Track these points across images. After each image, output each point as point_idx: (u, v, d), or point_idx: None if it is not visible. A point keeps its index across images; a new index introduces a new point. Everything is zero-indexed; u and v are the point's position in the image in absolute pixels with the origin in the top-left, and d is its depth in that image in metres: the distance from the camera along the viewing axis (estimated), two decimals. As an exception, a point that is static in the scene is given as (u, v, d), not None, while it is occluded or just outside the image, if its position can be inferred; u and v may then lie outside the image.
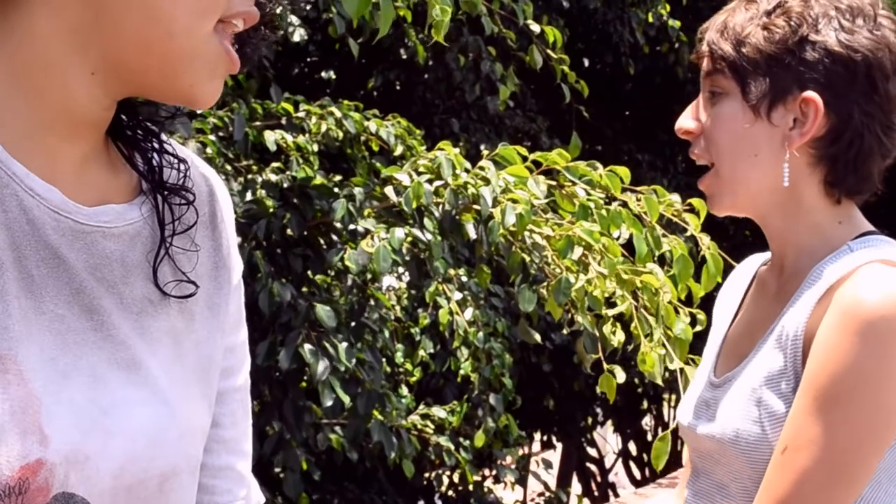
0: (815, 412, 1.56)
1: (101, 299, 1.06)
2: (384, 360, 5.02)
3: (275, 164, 4.84)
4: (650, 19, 7.04)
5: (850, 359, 1.54)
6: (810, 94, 1.68)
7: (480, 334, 4.78)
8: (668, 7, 7.00)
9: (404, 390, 5.68)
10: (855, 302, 1.56)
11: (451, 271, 4.79)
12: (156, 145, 1.21)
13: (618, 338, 3.04)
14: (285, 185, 4.52)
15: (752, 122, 1.71)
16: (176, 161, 1.22)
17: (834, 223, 1.75)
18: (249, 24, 1.10)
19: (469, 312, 4.76)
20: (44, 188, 1.04)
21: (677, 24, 6.92)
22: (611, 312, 3.06)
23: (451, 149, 3.45)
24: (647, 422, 10.87)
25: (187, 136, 3.58)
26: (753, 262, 1.98)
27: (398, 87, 6.70)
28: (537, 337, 3.76)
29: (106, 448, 1.01)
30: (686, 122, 1.79)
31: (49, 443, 0.96)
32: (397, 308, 5.23)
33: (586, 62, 7.68)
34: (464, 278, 4.92)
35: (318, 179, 3.77)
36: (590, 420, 9.03)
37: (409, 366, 5.51)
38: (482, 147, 6.44)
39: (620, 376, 2.99)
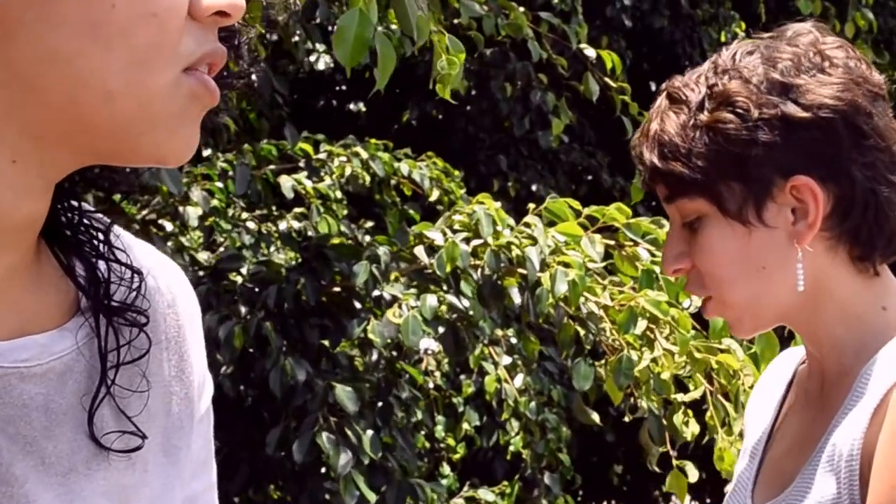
0: None
1: (14, 464, 0.93)
2: (422, 434, 4.87)
3: (297, 210, 4.70)
4: (723, 38, 6.90)
5: None
6: (798, 178, 1.54)
7: (533, 404, 4.66)
8: (743, 25, 6.86)
9: (446, 469, 5.52)
10: None
11: (499, 332, 4.62)
12: (102, 249, 1.05)
13: (691, 429, 2.84)
14: (309, 234, 4.37)
15: (747, 236, 1.58)
16: (127, 271, 1.06)
17: (877, 311, 1.60)
18: (218, 66, 0.96)
19: (520, 379, 4.63)
20: None
21: (755, 43, 6.75)
22: (682, 398, 2.87)
23: (491, 202, 3.30)
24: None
25: (177, 191, 3.43)
26: (789, 361, 1.82)
27: (439, 119, 6.58)
28: (596, 417, 3.58)
29: None
30: (675, 262, 1.65)
31: None
32: (437, 374, 5.08)
33: (653, 86, 7.52)
34: (513, 340, 4.76)
35: (337, 238, 3.62)
36: (663, 489, 8.81)
37: (451, 441, 5.36)
38: (533, 187, 6.30)
39: (693, 474, 2.81)
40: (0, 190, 0.91)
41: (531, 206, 3.34)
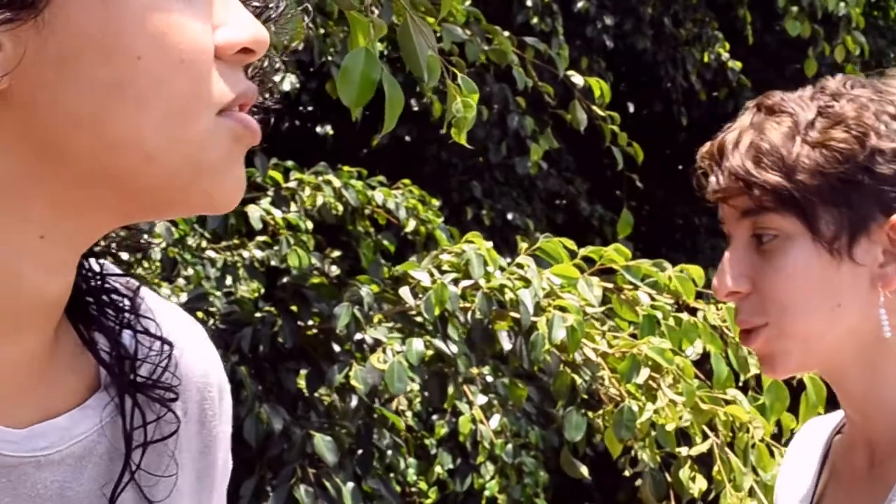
0: None
1: None
2: (392, 476, 4.84)
3: (260, 239, 4.65)
4: (706, 60, 6.92)
5: None
6: None
7: (509, 446, 4.62)
8: (727, 46, 6.87)
9: (417, 514, 5.48)
10: None
11: (474, 370, 4.60)
12: (128, 318, 1.02)
13: (698, 486, 2.82)
14: (272, 264, 4.33)
15: (833, 266, 1.52)
16: (155, 342, 1.03)
17: None
18: (249, 105, 0.94)
19: (496, 420, 4.59)
20: None
21: (738, 65, 6.81)
22: (687, 452, 2.85)
23: (481, 242, 3.26)
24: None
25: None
26: (820, 432, 1.76)
27: (409, 144, 6.56)
28: (585, 471, 3.54)
29: None
30: (735, 283, 1.57)
31: None
32: (408, 414, 5.05)
33: (631, 107, 7.54)
34: (489, 378, 4.72)
35: (316, 278, 3.58)
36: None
37: (423, 484, 5.34)
38: (509, 215, 6.28)
39: (698, 534, 2.79)
40: (27, 270, 0.88)
41: (523, 245, 3.31)
